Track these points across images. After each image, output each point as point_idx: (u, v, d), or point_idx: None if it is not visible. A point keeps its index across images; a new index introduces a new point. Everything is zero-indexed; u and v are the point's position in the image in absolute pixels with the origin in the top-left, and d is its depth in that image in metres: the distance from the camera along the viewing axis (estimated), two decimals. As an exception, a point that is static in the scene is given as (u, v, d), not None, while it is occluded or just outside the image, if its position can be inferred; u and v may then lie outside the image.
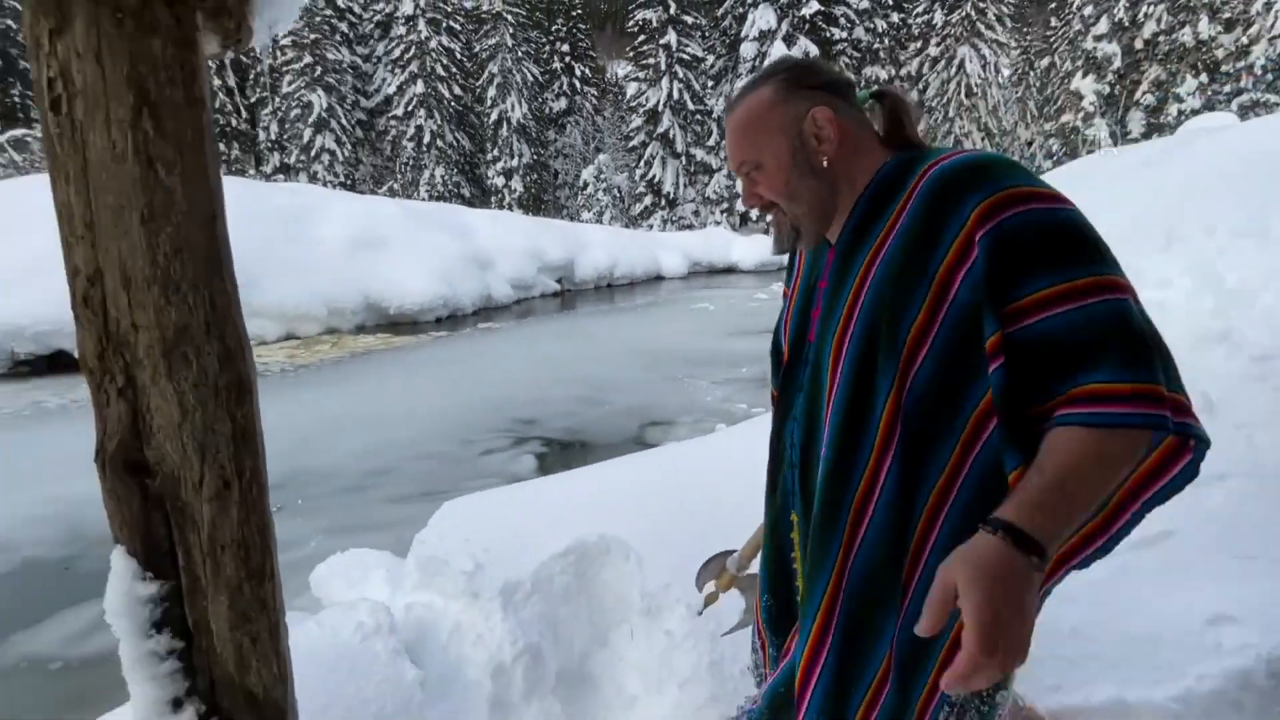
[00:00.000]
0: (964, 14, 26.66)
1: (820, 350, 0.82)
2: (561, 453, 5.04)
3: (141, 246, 0.55)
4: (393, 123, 31.39)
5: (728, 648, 1.53)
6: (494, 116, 31.73)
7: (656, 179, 28.88)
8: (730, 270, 19.09)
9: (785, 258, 0.99)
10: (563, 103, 34.79)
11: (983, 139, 27.35)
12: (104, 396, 0.57)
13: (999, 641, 0.57)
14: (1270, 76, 19.33)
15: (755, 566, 1.09)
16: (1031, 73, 29.15)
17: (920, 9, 27.81)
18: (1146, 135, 20.91)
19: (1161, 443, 0.75)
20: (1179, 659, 1.41)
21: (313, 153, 29.67)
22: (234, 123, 29.81)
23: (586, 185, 30.28)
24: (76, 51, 0.52)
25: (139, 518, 0.60)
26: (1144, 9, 21.86)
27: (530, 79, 33.37)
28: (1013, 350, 0.69)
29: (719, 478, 1.94)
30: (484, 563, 1.74)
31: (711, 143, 28.81)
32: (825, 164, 0.81)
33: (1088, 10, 23.41)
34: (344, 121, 30.54)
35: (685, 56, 28.44)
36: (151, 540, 0.60)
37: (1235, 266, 2.69)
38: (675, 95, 28.36)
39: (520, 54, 32.82)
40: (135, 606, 0.60)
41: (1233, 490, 1.88)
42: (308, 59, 28.87)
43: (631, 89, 30.12)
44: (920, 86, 28.11)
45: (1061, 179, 6.46)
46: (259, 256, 9.71)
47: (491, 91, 31.72)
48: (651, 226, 28.28)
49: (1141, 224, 3.14)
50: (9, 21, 26.72)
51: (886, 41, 27.70)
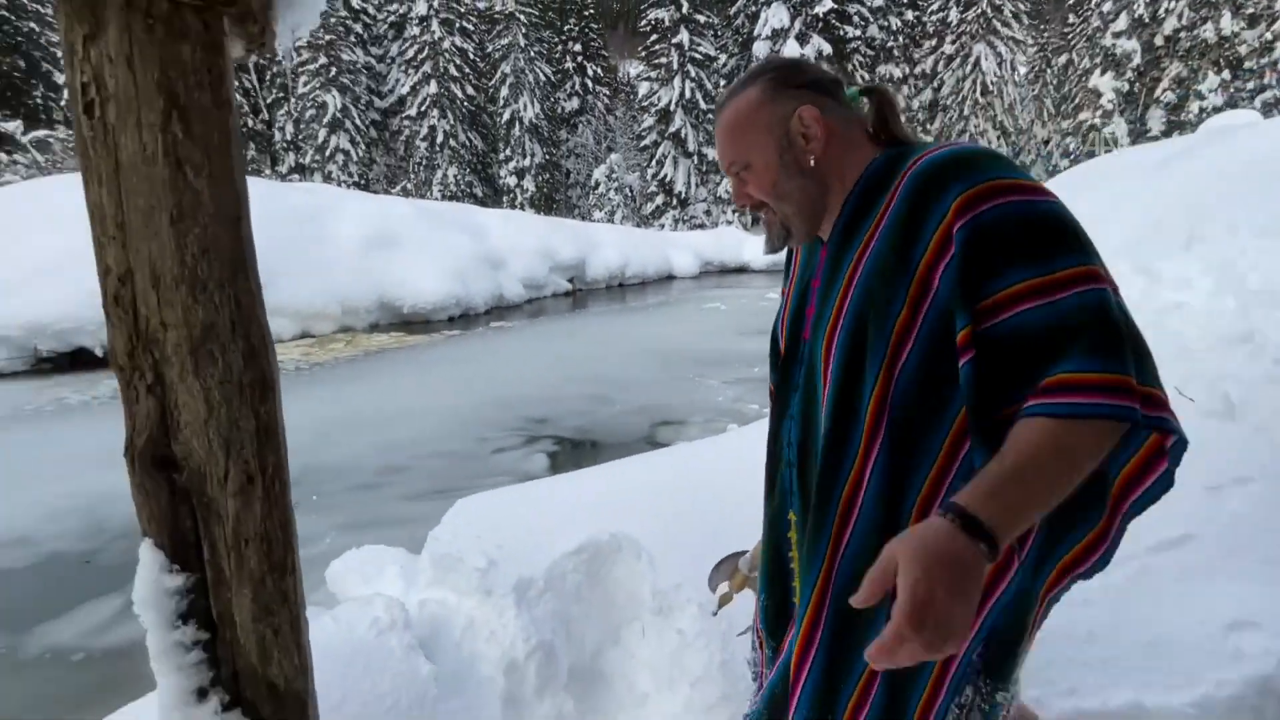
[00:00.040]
0: (980, 11, 26.37)
1: (814, 348, 0.82)
2: (573, 451, 5.06)
3: (170, 247, 0.56)
4: (406, 123, 31.62)
5: (739, 648, 1.52)
6: (506, 116, 31.86)
7: (668, 178, 28.85)
8: (742, 270, 19.03)
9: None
10: (575, 102, 34.85)
11: (998, 138, 27.06)
12: (133, 393, 0.59)
13: (929, 619, 0.56)
14: (1295, 73, 18.98)
15: None
16: (1048, 70, 28.80)
17: (935, 6, 27.54)
18: (1167, 133, 20.58)
19: (1144, 445, 0.73)
20: (1198, 664, 1.39)
21: (327, 153, 29.96)
22: (250, 123, 30.16)
23: (598, 185, 30.33)
24: (109, 57, 0.53)
25: (166, 511, 0.61)
26: (1165, 5, 21.51)
27: (542, 79, 33.46)
28: (988, 346, 0.67)
29: (730, 478, 1.94)
30: (497, 560, 1.75)
31: (723, 142, 28.72)
32: (813, 163, 0.81)
33: (1106, 6, 23.09)
34: (358, 122, 30.80)
35: (698, 55, 28.36)
36: (178, 533, 0.62)
37: (1258, 267, 2.64)
38: (687, 94, 28.31)
39: (533, 54, 32.92)
40: (162, 598, 0.61)
41: (1254, 494, 1.85)
42: (323, 60, 29.15)
43: (643, 88, 30.08)
44: (935, 85, 27.86)
45: (1078, 178, 6.38)
46: (275, 255, 9.81)
47: (504, 91, 31.85)
48: (663, 226, 28.27)
49: (1161, 224, 3.09)
50: (31, 24, 27.23)
51: (900, 39, 27.47)
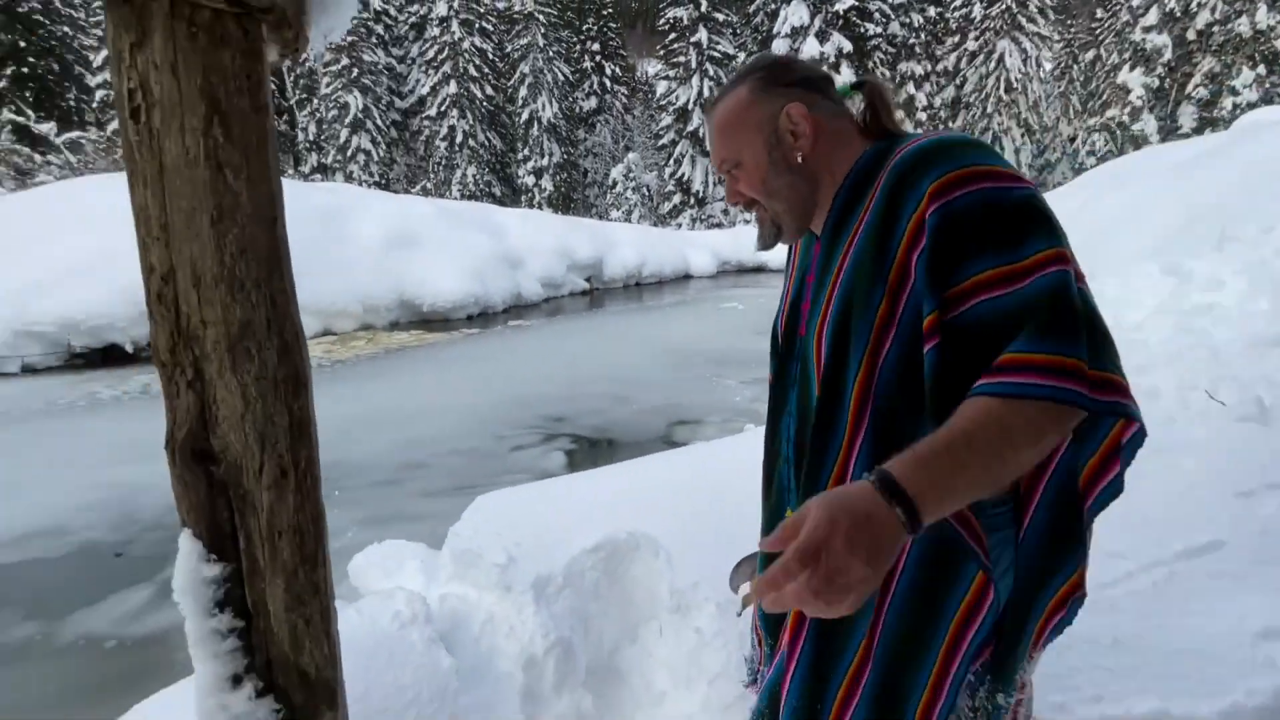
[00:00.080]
0: (1004, 6, 25.93)
1: (807, 343, 0.83)
2: (590, 450, 5.08)
3: (210, 247, 0.58)
4: (426, 123, 31.94)
5: (757, 647, 1.53)
6: (525, 116, 32.04)
7: (685, 177, 28.79)
8: (760, 269, 18.93)
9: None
10: (593, 102, 34.93)
11: (1022, 135, 26.61)
12: (174, 388, 0.61)
13: (820, 564, 0.54)
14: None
15: None
16: (1075, 66, 28.24)
17: (959, 2, 27.15)
18: (1198, 130, 20.06)
19: (1107, 437, 0.72)
20: (1227, 673, 1.37)
21: (349, 153, 30.37)
22: (275, 124, 30.68)
23: (615, 184, 30.36)
24: (154, 64, 0.55)
25: (204, 503, 0.63)
26: (1197, -2, 21.01)
27: (561, 78, 33.59)
28: (954, 334, 0.66)
29: (748, 478, 1.93)
30: (516, 556, 1.77)
31: (742, 141, 28.59)
32: (801, 159, 0.82)
33: (1136, 1, 22.58)
34: (379, 122, 31.18)
35: (716, 54, 28.27)
36: (215, 524, 0.64)
37: (1293, 267, 2.58)
38: (706, 93, 28.22)
39: (551, 53, 33.06)
40: (200, 586, 0.63)
41: (1287, 500, 1.81)
42: (345, 61, 29.55)
43: (661, 87, 30.06)
44: (957, 82, 27.47)
45: (1106, 176, 6.25)
46: (298, 254, 9.73)
47: (523, 91, 32.03)
48: (680, 225, 28.23)
49: (1193, 223, 3.03)
50: (64, 28, 27.95)
51: (923, 36, 27.11)
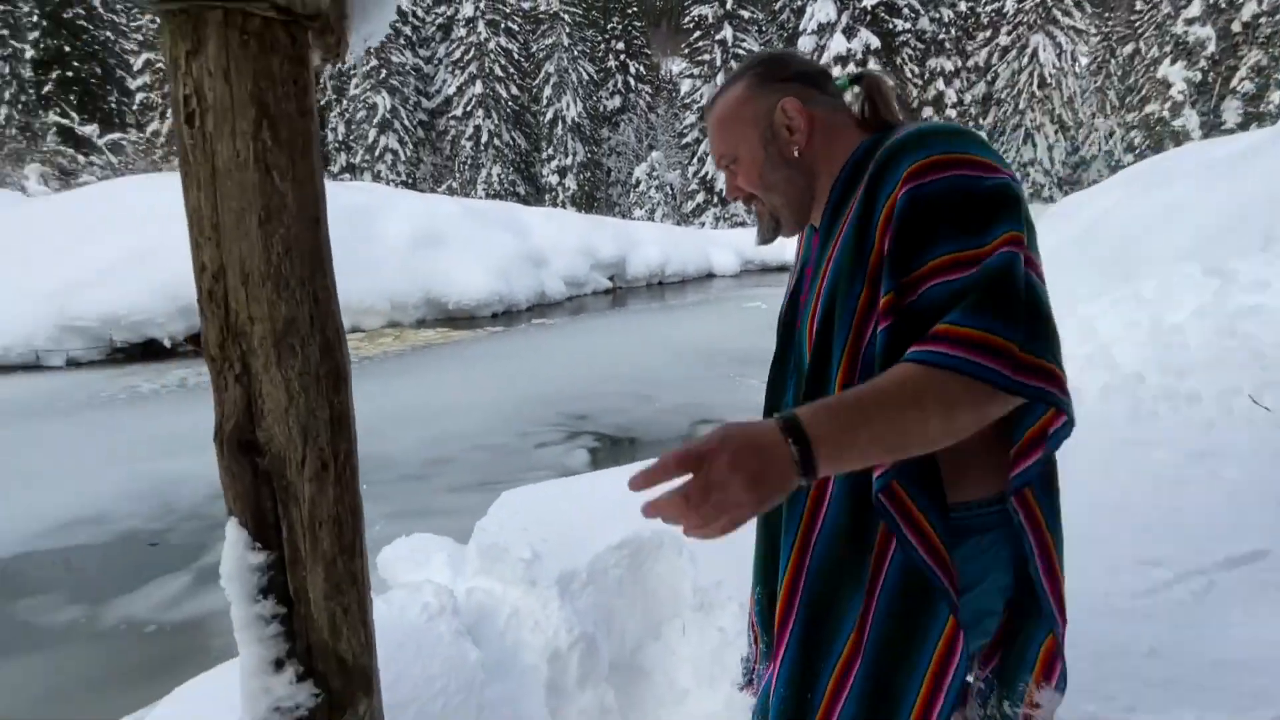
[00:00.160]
0: (1038, 0, 25.35)
1: (801, 335, 0.83)
2: (613, 448, 5.10)
3: (258, 246, 0.61)
4: (452, 122, 32.30)
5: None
6: (549, 115, 32.22)
7: (709, 176, 28.68)
8: (783, 268, 18.79)
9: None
10: (617, 100, 34.99)
11: (1056, 132, 25.97)
12: (223, 382, 0.63)
13: (700, 473, 0.56)
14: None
15: None
16: (1113, 60, 27.44)
17: (990, -4, 26.61)
18: (1243, 126, 19.36)
19: (1036, 423, 0.70)
20: (1271, 686, 1.33)
21: (377, 152, 30.86)
22: (306, 125, 31.30)
23: (639, 183, 30.38)
24: (209, 71, 0.58)
25: (250, 493, 0.66)
26: (1242, -11, 20.27)
27: (585, 77, 33.71)
28: (909, 317, 0.66)
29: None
30: (541, 552, 1.79)
31: (766, 139, 28.41)
32: (797, 153, 0.82)
33: (1177, -8, 21.90)
34: (406, 122, 31.63)
35: (741, 52, 28.10)
36: (260, 514, 0.66)
37: (1343, 268, 2.49)
38: (730, 91, 28.06)
39: (576, 53, 33.20)
40: (245, 573, 0.66)
41: (1335, 509, 1.75)
42: (373, 62, 30.03)
43: (685, 85, 30.00)
44: (989, 78, 26.91)
45: (1144, 174, 6.07)
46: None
47: (547, 91, 32.21)
48: (704, 224, 28.14)
49: (1237, 222, 2.94)
50: (107, 33, 28.86)
51: (953, 31, 26.61)
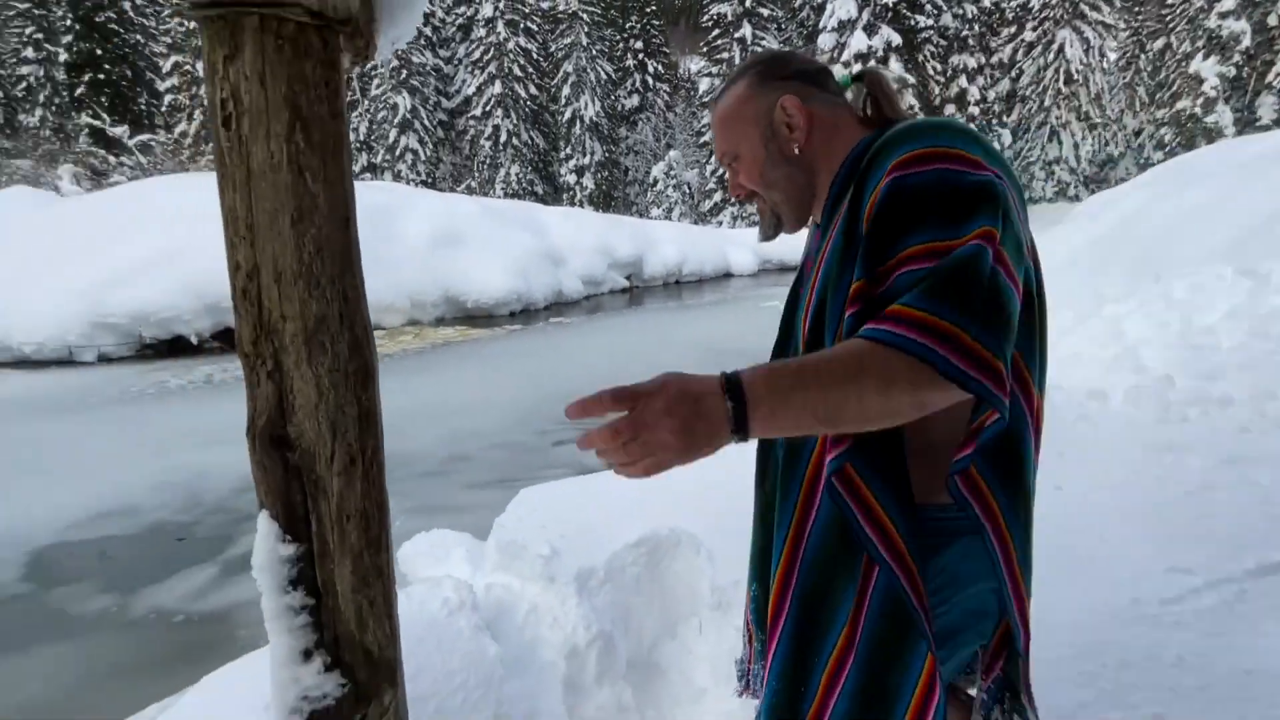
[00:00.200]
0: (1065, -5, 24.88)
1: (796, 329, 0.83)
2: (629, 447, 5.11)
3: (291, 246, 0.62)
4: (471, 122, 32.56)
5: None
6: (568, 115, 32.33)
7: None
8: (801, 267, 18.68)
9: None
10: (635, 100, 35.01)
11: (1083, 129, 25.46)
12: (255, 377, 0.65)
13: (633, 411, 0.59)
14: None
15: None
16: (1142, 56, 26.85)
17: (1015, -9, 26.16)
18: (1279, 123, 18.83)
19: (980, 418, 0.68)
20: (1301, 696, 1.30)
21: (397, 152, 31.21)
22: (328, 125, 31.78)
23: (656, 182, 30.39)
24: (245, 75, 0.59)
25: (281, 486, 0.67)
26: (1279, -19, 19.71)
27: (603, 77, 33.76)
28: (876, 305, 0.65)
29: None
30: (559, 549, 1.80)
31: (785, 137, 28.27)
32: (797, 151, 0.83)
33: (1210, -15, 21.35)
34: (426, 122, 31.94)
35: (760, 50, 27.95)
36: (290, 507, 0.68)
37: (1384, 268, 2.41)
38: (749, 89, 27.93)
39: (594, 52, 33.25)
40: (276, 565, 0.67)
41: (1373, 516, 1.70)
42: (394, 63, 30.35)
43: (704, 84, 29.91)
44: (1013, 74, 26.47)
45: (1174, 172, 5.94)
46: None
47: (565, 90, 32.32)
48: (721, 223, 28.06)
49: (1272, 222, 2.86)
50: (137, 37, 29.52)
51: (976, 28, 26.21)
